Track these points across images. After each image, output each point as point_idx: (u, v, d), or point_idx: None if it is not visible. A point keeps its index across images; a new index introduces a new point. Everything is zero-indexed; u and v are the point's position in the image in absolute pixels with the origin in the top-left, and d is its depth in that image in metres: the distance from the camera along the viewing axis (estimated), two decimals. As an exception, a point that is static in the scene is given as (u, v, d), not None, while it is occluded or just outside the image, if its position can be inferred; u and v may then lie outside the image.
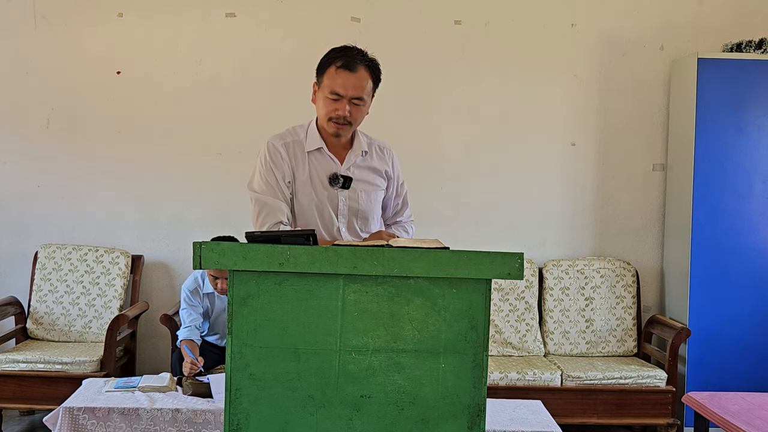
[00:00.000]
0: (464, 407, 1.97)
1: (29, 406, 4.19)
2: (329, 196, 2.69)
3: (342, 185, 2.68)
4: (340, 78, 2.57)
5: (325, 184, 2.68)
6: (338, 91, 2.57)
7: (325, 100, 2.61)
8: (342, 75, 2.57)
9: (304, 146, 2.69)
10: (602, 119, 4.85)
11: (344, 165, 2.71)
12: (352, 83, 2.57)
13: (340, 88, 2.57)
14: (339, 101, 2.58)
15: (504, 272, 1.93)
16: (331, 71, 2.58)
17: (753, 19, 4.78)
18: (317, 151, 2.70)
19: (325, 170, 2.69)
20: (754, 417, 3.27)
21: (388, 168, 2.83)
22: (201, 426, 3.20)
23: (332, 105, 2.59)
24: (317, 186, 2.68)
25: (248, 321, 1.96)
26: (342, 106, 2.58)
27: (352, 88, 2.57)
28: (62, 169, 4.81)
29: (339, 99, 2.58)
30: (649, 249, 4.89)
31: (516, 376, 4.20)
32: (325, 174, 2.68)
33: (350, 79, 2.57)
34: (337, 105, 2.59)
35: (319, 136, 2.70)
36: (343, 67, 2.57)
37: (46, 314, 4.58)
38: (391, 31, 4.74)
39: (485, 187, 4.81)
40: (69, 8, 4.75)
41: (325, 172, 2.69)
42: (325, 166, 2.70)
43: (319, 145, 2.68)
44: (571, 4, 4.80)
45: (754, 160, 4.47)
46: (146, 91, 4.79)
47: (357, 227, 2.74)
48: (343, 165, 2.71)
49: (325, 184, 2.68)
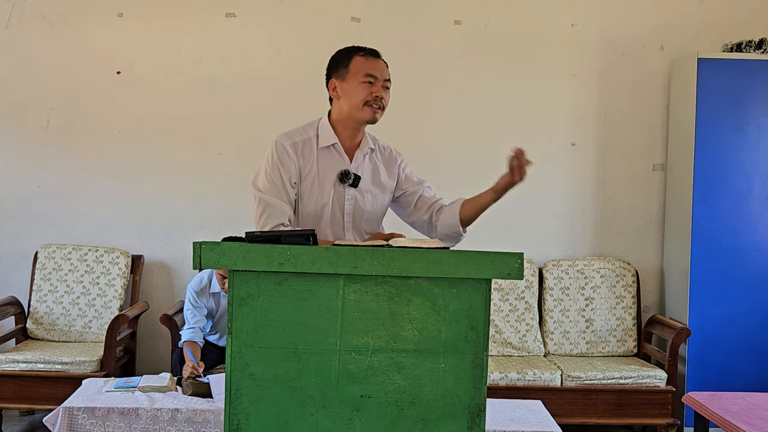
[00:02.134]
0: (464, 407, 1.97)
1: (29, 406, 4.19)
2: (336, 194, 2.68)
3: (351, 183, 2.68)
4: (370, 62, 2.62)
5: (333, 181, 2.67)
6: (374, 74, 2.61)
7: (359, 86, 2.61)
8: (370, 60, 2.63)
9: (313, 144, 2.67)
10: (602, 119, 4.85)
11: (353, 163, 2.71)
12: (381, 67, 2.64)
13: (373, 70, 2.61)
14: (374, 84, 2.61)
15: (504, 272, 1.93)
16: (357, 60, 2.62)
17: (753, 19, 4.78)
18: (328, 148, 2.69)
19: (335, 167, 2.68)
20: (754, 417, 3.27)
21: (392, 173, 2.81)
22: (201, 426, 3.21)
23: (369, 88, 2.61)
24: (325, 184, 2.67)
25: (248, 321, 1.96)
26: (378, 88, 2.62)
27: (383, 71, 2.64)
28: (62, 169, 4.81)
29: (374, 82, 2.61)
30: (649, 249, 4.89)
31: (516, 376, 4.20)
32: (335, 171, 2.67)
33: (378, 63, 2.64)
34: (374, 88, 2.61)
35: (333, 132, 2.69)
36: (369, 54, 2.64)
37: (46, 314, 4.58)
38: (391, 31, 4.74)
39: (485, 187, 4.78)
40: (69, 8, 4.75)
41: (335, 169, 2.68)
42: (336, 163, 2.69)
43: (334, 141, 2.67)
44: (571, 4, 4.80)
45: (754, 160, 4.47)
46: (146, 91, 4.79)
47: (362, 228, 2.73)
48: (352, 163, 2.71)
49: (333, 182, 2.67)
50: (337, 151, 2.69)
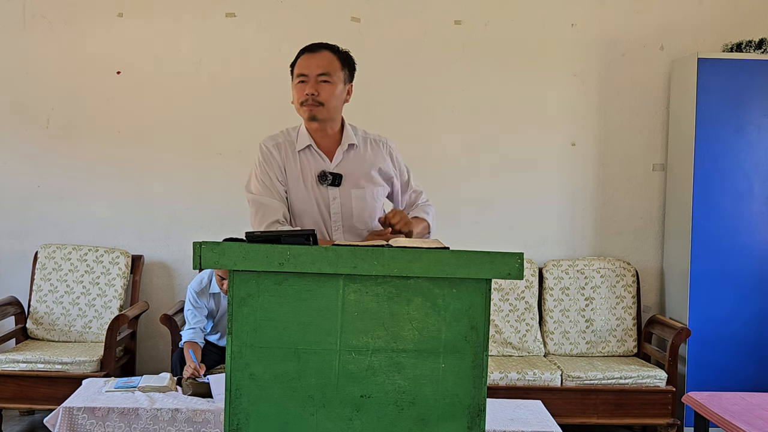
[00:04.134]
0: (464, 407, 1.97)
1: (29, 406, 4.19)
2: (321, 195, 2.68)
3: (331, 183, 2.67)
4: (303, 61, 2.65)
5: (315, 183, 2.68)
6: (303, 72, 2.63)
7: (295, 88, 2.66)
8: (304, 57, 2.66)
9: (295, 146, 2.70)
10: (602, 119, 4.85)
11: (333, 161, 2.71)
12: (315, 62, 2.63)
13: (303, 69, 2.63)
14: (306, 82, 2.63)
15: (504, 272, 1.93)
16: (297, 62, 2.67)
17: (753, 19, 4.78)
18: (307, 150, 2.70)
19: (315, 168, 2.69)
20: (754, 417, 3.27)
21: (385, 165, 2.79)
22: (201, 426, 3.21)
23: (302, 89, 2.63)
24: (309, 185, 2.68)
25: (248, 321, 1.96)
26: (310, 86, 2.62)
27: (315, 66, 2.62)
28: (62, 169, 4.81)
29: (305, 80, 2.63)
30: (649, 249, 4.89)
31: (516, 376, 4.20)
32: (315, 172, 2.68)
33: (312, 59, 2.64)
34: (304, 86, 2.63)
35: (308, 134, 2.71)
36: (305, 51, 2.67)
37: (46, 314, 4.58)
38: (391, 31, 4.73)
39: (485, 187, 4.82)
40: (69, 8, 4.75)
41: (315, 170, 2.69)
42: (315, 164, 2.69)
43: (308, 143, 2.69)
44: (571, 4, 4.80)
45: (754, 160, 4.47)
46: (146, 91, 4.79)
47: (356, 226, 2.71)
48: (332, 162, 2.71)
49: (315, 184, 2.68)
50: (314, 152, 2.70)
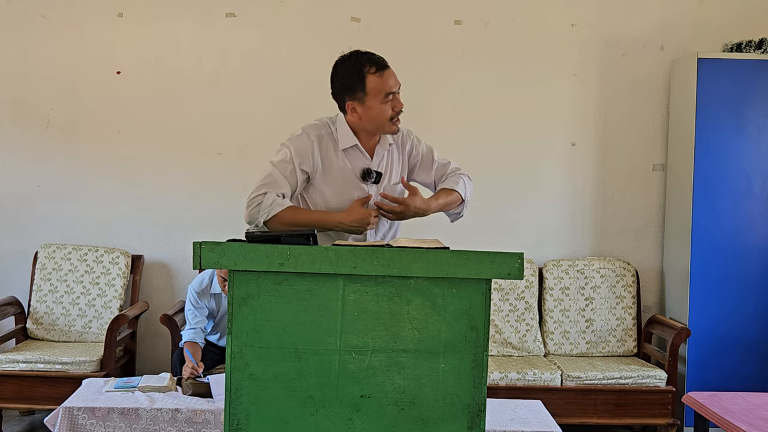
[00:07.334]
0: (464, 407, 1.97)
1: (29, 406, 4.19)
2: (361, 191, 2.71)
3: (374, 180, 2.71)
4: (384, 77, 2.62)
5: (356, 181, 2.70)
6: (393, 90, 2.63)
7: (383, 107, 2.63)
8: (385, 74, 2.62)
9: (336, 142, 2.70)
10: (602, 119, 4.85)
11: (375, 159, 2.75)
12: (394, 76, 2.65)
13: (392, 87, 2.63)
14: (395, 98, 2.65)
15: (504, 272, 1.93)
16: (372, 79, 2.61)
17: (753, 19, 4.78)
18: (350, 149, 2.72)
19: (358, 166, 2.71)
20: (754, 417, 3.27)
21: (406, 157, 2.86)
22: (201, 426, 3.21)
23: (391, 105, 2.64)
24: (350, 184, 2.70)
25: (248, 321, 1.96)
26: (397, 101, 2.65)
27: (396, 80, 2.66)
28: (62, 169, 4.81)
29: (394, 96, 2.64)
30: (649, 249, 4.89)
31: (516, 376, 4.20)
32: (358, 170, 2.70)
33: (391, 73, 2.65)
34: (395, 102, 2.65)
35: (352, 132, 2.71)
36: (380, 68, 2.62)
37: (46, 314, 4.58)
38: (391, 31, 4.74)
39: (485, 186, 4.80)
40: (69, 8, 4.75)
41: (358, 168, 2.71)
42: (358, 162, 2.72)
43: (354, 143, 2.70)
44: (571, 4, 4.80)
45: (754, 160, 4.47)
46: (146, 91, 4.79)
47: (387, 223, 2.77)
48: (373, 159, 2.75)
49: (356, 182, 2.70)
50: (359, 151, 2.72)
